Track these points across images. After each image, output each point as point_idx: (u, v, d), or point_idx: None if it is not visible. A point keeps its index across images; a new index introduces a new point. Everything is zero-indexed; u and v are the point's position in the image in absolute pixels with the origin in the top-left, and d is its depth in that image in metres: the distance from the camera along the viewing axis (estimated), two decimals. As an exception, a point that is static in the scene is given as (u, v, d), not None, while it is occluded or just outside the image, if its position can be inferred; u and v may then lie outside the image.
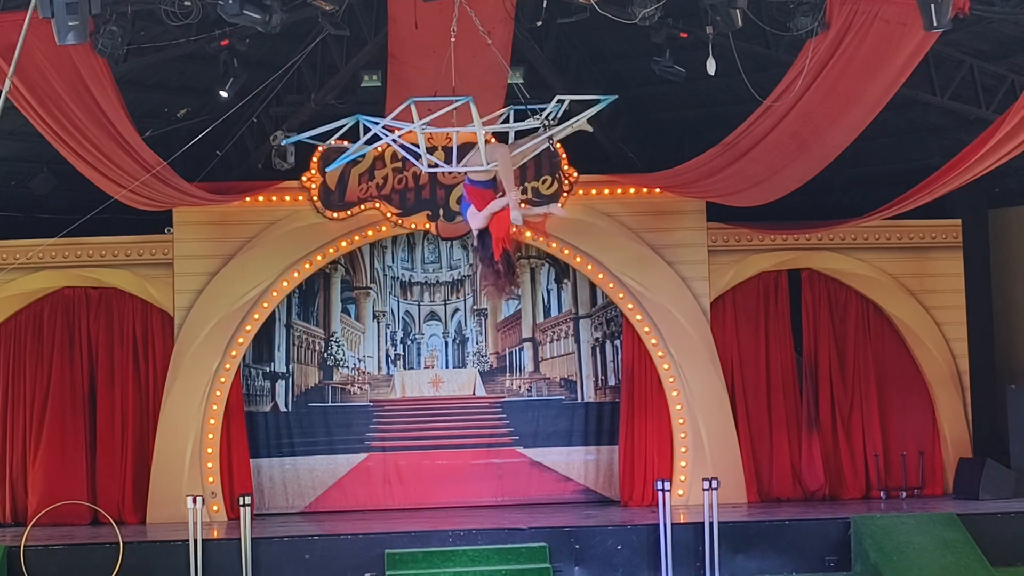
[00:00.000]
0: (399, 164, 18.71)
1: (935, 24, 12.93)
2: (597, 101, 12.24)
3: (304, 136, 12.88)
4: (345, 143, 13.10)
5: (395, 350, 19.64)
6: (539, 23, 16.60)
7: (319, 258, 18.91)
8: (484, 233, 12.16)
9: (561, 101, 12.08)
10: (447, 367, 19.75)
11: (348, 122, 12.33)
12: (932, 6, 12.83)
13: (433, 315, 19.77)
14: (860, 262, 19.57)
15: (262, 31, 13.96)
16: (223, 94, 16.56)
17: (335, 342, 19.45)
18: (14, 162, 18.84)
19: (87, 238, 18.20)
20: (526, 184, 18.88)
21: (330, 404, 19.45)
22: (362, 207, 18.87)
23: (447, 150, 13.47)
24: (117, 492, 18.51)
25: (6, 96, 12.48)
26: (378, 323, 19.60)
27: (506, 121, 12.51)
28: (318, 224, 18.87)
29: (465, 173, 12.43)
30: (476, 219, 12.16)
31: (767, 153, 16.27)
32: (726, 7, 13.99)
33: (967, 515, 16.91)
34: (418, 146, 12.17)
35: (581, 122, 12.33)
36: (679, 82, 16.82)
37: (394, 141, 12.27)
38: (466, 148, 12.44)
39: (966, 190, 17.80)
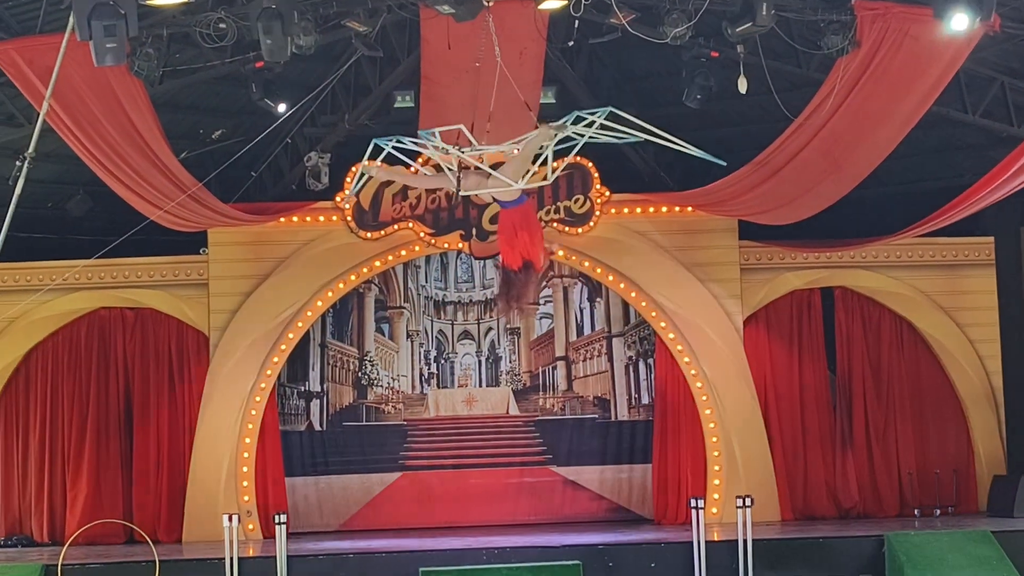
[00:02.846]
0: (432, 184, 18.79)
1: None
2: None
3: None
4: (383, 165, 13.22)
5: (429, 369, 19.70)
6: (571, 43, 16.67)
7: (353, 278, 18.99)
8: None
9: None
10: (480, 386, 19.80)
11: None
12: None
13: (466, 334, 19.82)
14: (893, 280, 19.55)
15: (297, 53, 14.11)
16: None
17: (369, 361, 19.53)
18: (51, 184, 18.96)
19: (123, 259, 18.29)
20: (558, 203, 18.95)
21: (364, 423, 19.52)
22: (396, 227, 18.94)
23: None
24: (153, 511, 18.62)
25: (43, 118, 12.62)
26: (412, 342, 19.67)
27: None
28: (352, 244, 18.96)
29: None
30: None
31: (799, 171, 16.29)
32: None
33: (1002, 532, 16.78)
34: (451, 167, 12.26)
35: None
36: (710, 101, 16.85)
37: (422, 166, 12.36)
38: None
39: (998, 207, 17.82)
